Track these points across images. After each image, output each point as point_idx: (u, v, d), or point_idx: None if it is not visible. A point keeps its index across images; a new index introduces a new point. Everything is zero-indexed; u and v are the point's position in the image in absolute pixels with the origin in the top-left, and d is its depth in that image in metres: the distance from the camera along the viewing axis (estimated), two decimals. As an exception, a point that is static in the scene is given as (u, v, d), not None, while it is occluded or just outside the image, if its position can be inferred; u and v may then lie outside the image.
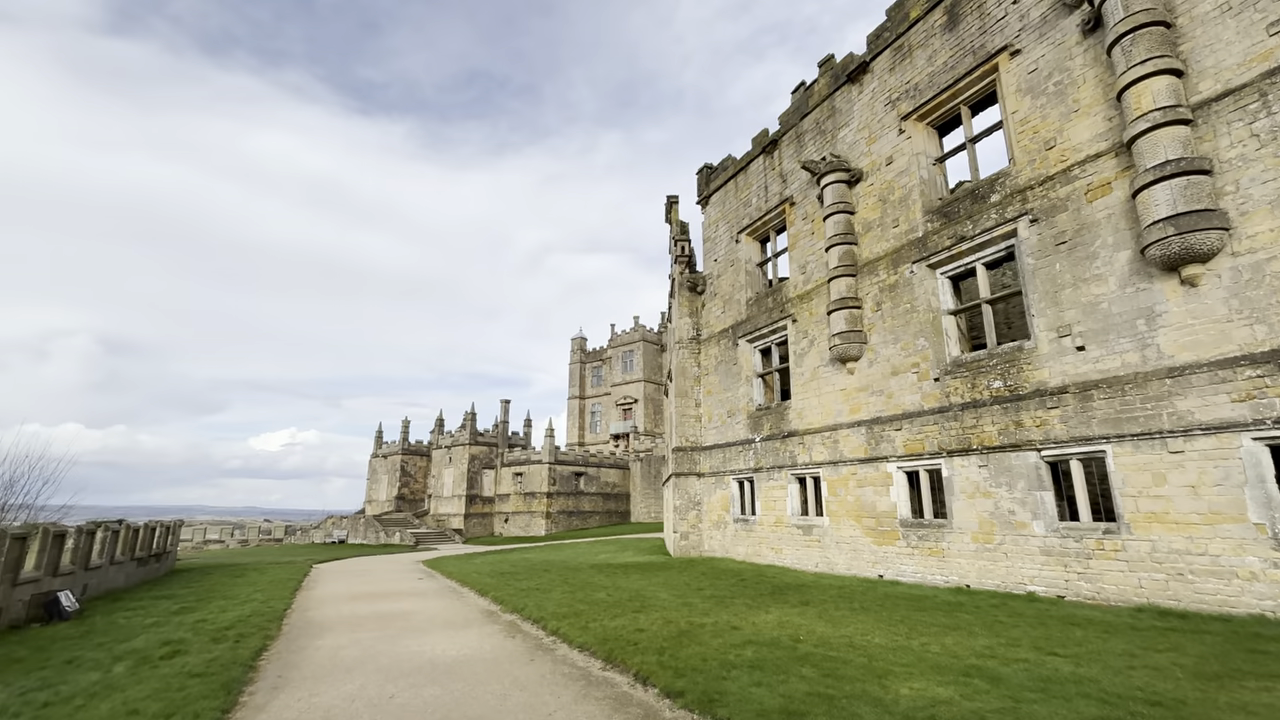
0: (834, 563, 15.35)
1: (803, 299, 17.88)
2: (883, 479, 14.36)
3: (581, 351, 79.11)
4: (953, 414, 12.88)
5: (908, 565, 13.43)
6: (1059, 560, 10.66)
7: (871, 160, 16.20)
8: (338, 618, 12.17)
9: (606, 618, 10.49)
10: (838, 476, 15.63)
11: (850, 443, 15.39)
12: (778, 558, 17.31)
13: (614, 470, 51.97)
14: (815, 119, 18.51)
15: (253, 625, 11.08)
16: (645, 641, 8.50)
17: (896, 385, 14.43)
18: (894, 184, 15.41)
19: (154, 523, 20.58)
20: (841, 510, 15.38)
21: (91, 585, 15.27)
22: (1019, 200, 12.20)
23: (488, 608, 12.92)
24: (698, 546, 20.80)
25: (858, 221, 16.33)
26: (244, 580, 18.80)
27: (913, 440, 13.71)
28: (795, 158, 19.10)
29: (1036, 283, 11.69)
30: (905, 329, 14.41)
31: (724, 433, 20.70)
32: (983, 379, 12.48)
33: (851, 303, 15.67)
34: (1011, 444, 11.62)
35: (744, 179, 21.71)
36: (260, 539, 48.38)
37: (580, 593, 13.64)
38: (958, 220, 13.47)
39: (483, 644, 9.34)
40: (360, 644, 9.63)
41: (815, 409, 16.80)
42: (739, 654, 7.52)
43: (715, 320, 22.28)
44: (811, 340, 17.30)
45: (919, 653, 7.22)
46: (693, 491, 21.31)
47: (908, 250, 14.63)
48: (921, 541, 13.22)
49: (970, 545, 12.16)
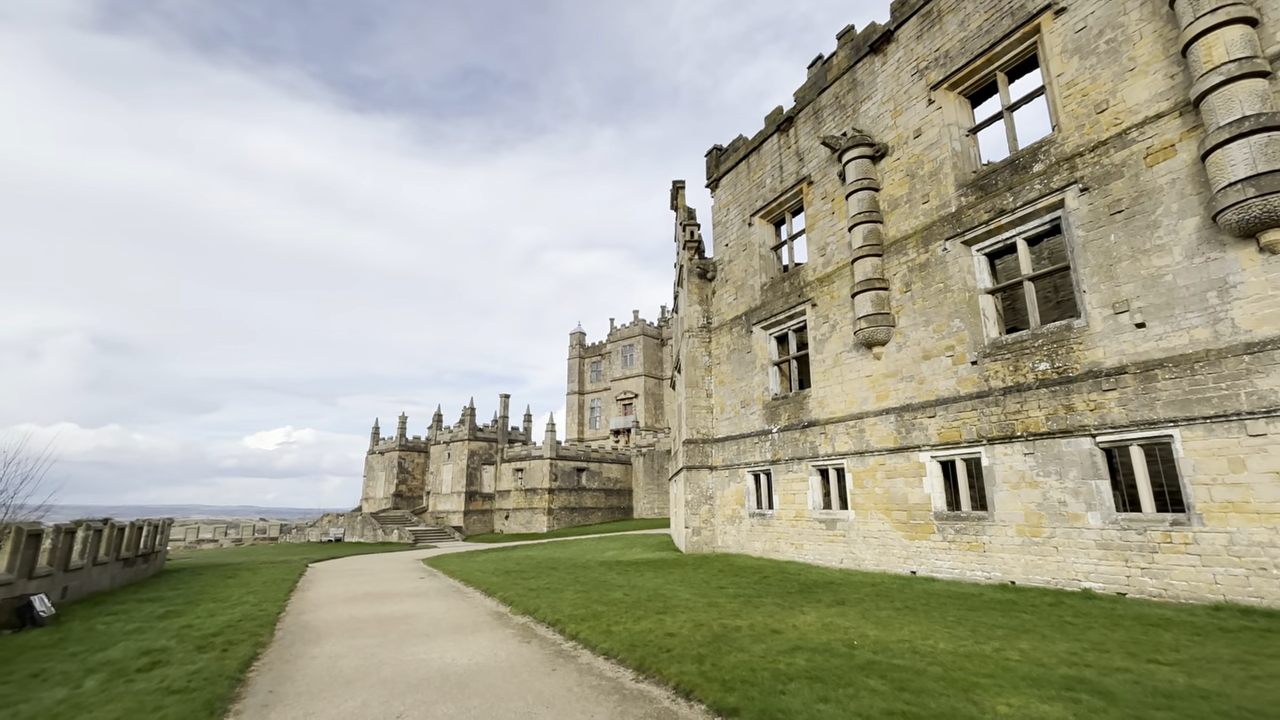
0: (861, 558, 14.53)
1: (823, 282, 17.02)
2: (915, 469, 13.53)
3: (580, 346, 78.14)
4: (993, 399, 12.05)
5: (944, 561, 12.62)
6: (1118, 554, 9.84)
7: (898, 134, 15.32)
8: (335, 621, 11.29)
9: (629, 620, 9.64)
10: (864, 468, 14.80)
11: (878, 432, 14.56)
12: (798, 553, 16.48)
13: (616, 465, 51.09)
14: (834, 93, 17.62)
15: (243, 631, 10.18)
16: (678, 648, 7.64)
17: (929, 370, 13.60)
18: (923, 157, 14.54)
19: (141, 521, 19.60)
20: (869, 503, 14.56)
21: (72, 588, 14.33)
22: (1066, 169, 11.35)
23: (496, 609, 12.05)
24: (710, 542, 19.97)
25: (883, 199, 15.47)
26: (236, 581, 17.87)
27: (948, 428, 12.89)
28: (813, 134, 18.21)
29: (1087, 256, 10.85)
30: (938, 310, 13.56)
31: (738, 424, 19.85)
32: (1026, 361, 11.65)
33: (878, 284, 14.81)
34: (1061, 430, 10.79)
35: (756, 159, 20.81)
36: (255, 538, 47.37)
37: (594, 592, 12.78)
38: (996, 193, 12.61)
39: (496, 651, 8.47)
40: (360, 651, 8.75)
41: (838, 397, 15.95)
42: (790, 662, 6.68)
43: (727, 307, 21.40)
44: (833, 325, 16.44)
45: (997, 660, 6.39)
46: (705, 485, 20.47)
47: (940, 226, 13.77)
48: (959, 535, 12.40)
49: (1015, 539, 11.35)
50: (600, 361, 75.96)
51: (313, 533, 45.44)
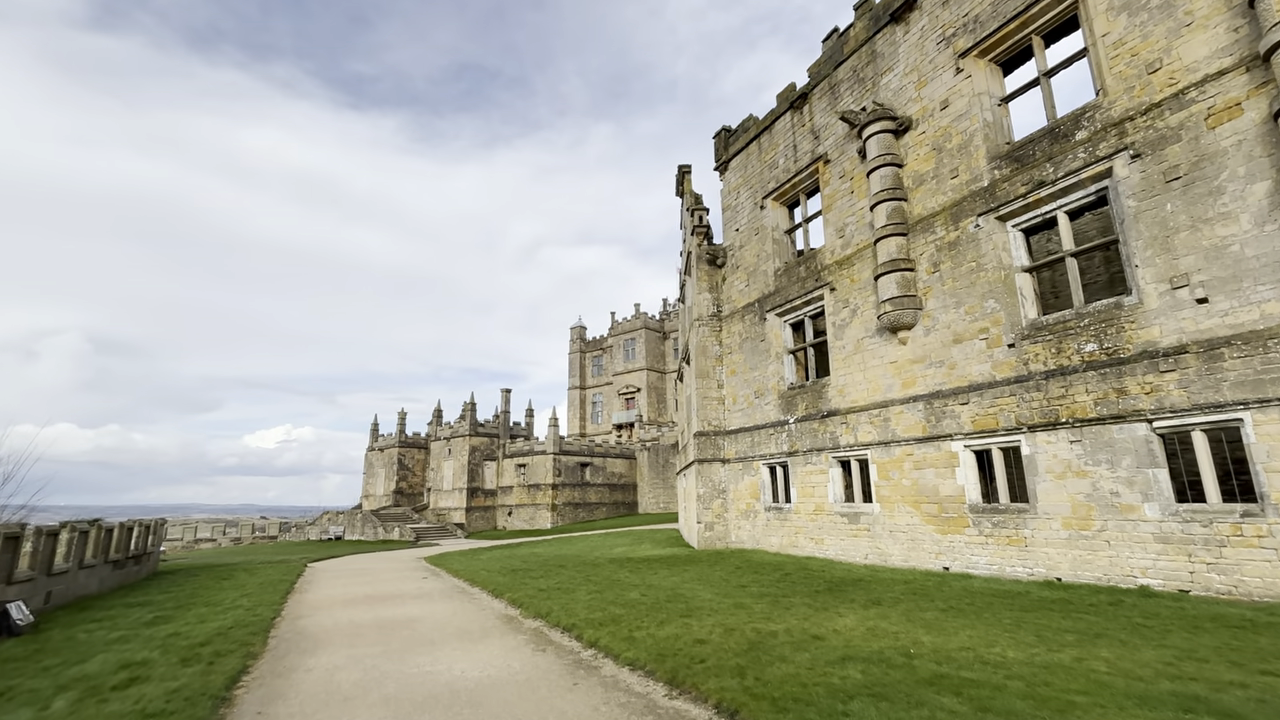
0: (887, 554, 13.80)
1: (842, 265, 16.22)
2: (946, 460, 12.78)
3: (581, 341, 77.32)
4: (1034, 383, 11.28)
5: (980, 556, 11.88)
6: (1179, 548, 9.10)
7: (922, 106, 14.50)
8: (334, 627, 10.54)
9: (651, 624, 8.89)
10: (890, 458, 14.04)
11: (904, 420, 13.80)
12: (818, 549, 15.75)
13: (620, 460, 50.36)
14: (852, 66, 16.77)
15: (233, 640, 9.42)
16: (712, 657, 6.90)
17: (960, 354, 12.82)
18: (951, 130, 13.72)
19: (132, 522, 18.84)
20: (895, 495, 13.81)
21: (56, 593, 13.57)
22: (1114, 134, 10.54)
23: (505, 612, 11.31)
24: (724, 538, 19.24)
25: (907, 175, 14.65)
26: (231, 583, 17.13)
27: (983, 415, 12.12)
28: (829, 111, 17.37)
29: (1140, 228, 10.06)
30: (970, 291, 12.78)
31: (751, 415, 19.09)
32: (1070, 342, 10.87)
33: (903, 264, 14.02)
34: (1113, 415, 10.03)
35: (768, 140, 19.96)
36: (254, 536, 46.67)
37: (608, 592, 12.04)
38: (1033, 164, 11.81)
39: (509, 661, 7.72)
40: (360, 662, 8.00)
41: (860, 385, 15.18)
42: (844, 675, 5.92)
43: (738, 294, 20.60)
44: (854, 310, 15.65)
45: (1082, 673, 5.64)
46: (717, 479, 19.72)
47: (971, 202, 12.97)
48: (997, 529, 11.66)
49: (1060, 532, 10.60)
50: (601, 356, 75.16)
51: (312, 531, 44.73)
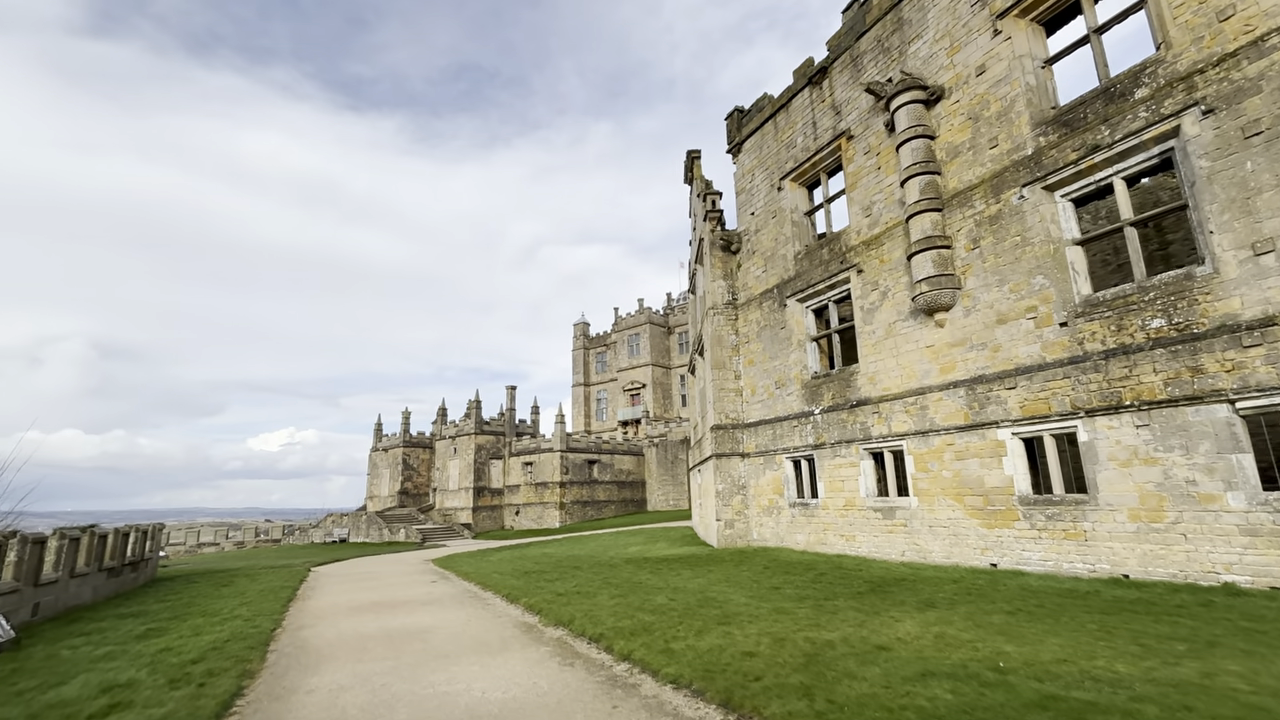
0: (927, 550, 12.95)
1: (869, 245, 15.34)
2: (991, 449, 11.92)
3: (584, 337, 76.47)
4: (1091, 364, 10.41)
5: (1032, 551, 11.02)
6: (1270, 541, 8.24)
7: (956, 73, 13.60)
8: (338, 639, 9.72)
9: (689, 633, 8.06)
10: (928, 449, 13.19)
11: (943, 408, 12.94)
12: (849, 546, 14.91)
13: (628, 457, 49.52)
14: (876, 36, 15.87)
15: (229, 655, 8.61)
16: (768, 673, 6.06)
17: (1005, 335, 11.95)
18: (989, 97, 12.83)
19: (128, 527, 18.06)
20: (935, 488, 12.95)
21: (45, 604, 12.79)
22: (1181, 90, 9.65)
23: (523, 619, 10.48)
24: (745, 535, 18.41)
25: (940, 147, 13.76)
26: (231, 590, 16.34)
27: (1033, 400, 11.26)
28: (852, 84, 16.47)
29: (1214, 190, 9.17)
30: (1015, 267, 11.90)
31: (772, 406, 18.23)
32: (1134, 318, 9.99)
33: (939, 242, 13.14)
34: (1187, 396, 9.16)
35: (785, 118, 19.07)
36: (257, 540, 45.98)
37: (633, 596, 11.22)
38: (1086, 128, 10.91)
39: (534, 678, 6.90)
40: (368, 682, 7.18)
41: (892, 371, 14.32)
42: (931, 696, 5.09)
43: (755, 281, 19.73)
44: (884, 292, 14.78)
45: (1220, 691, 4.79)
46: (737, 474, 18.88)
47: (1014, 172, 12.09)
48: (1051, 522, 10.80)
49: (1127, 525, 9.74)
50: (605, 352, 74.32)
51: (316, 534, 44.01)
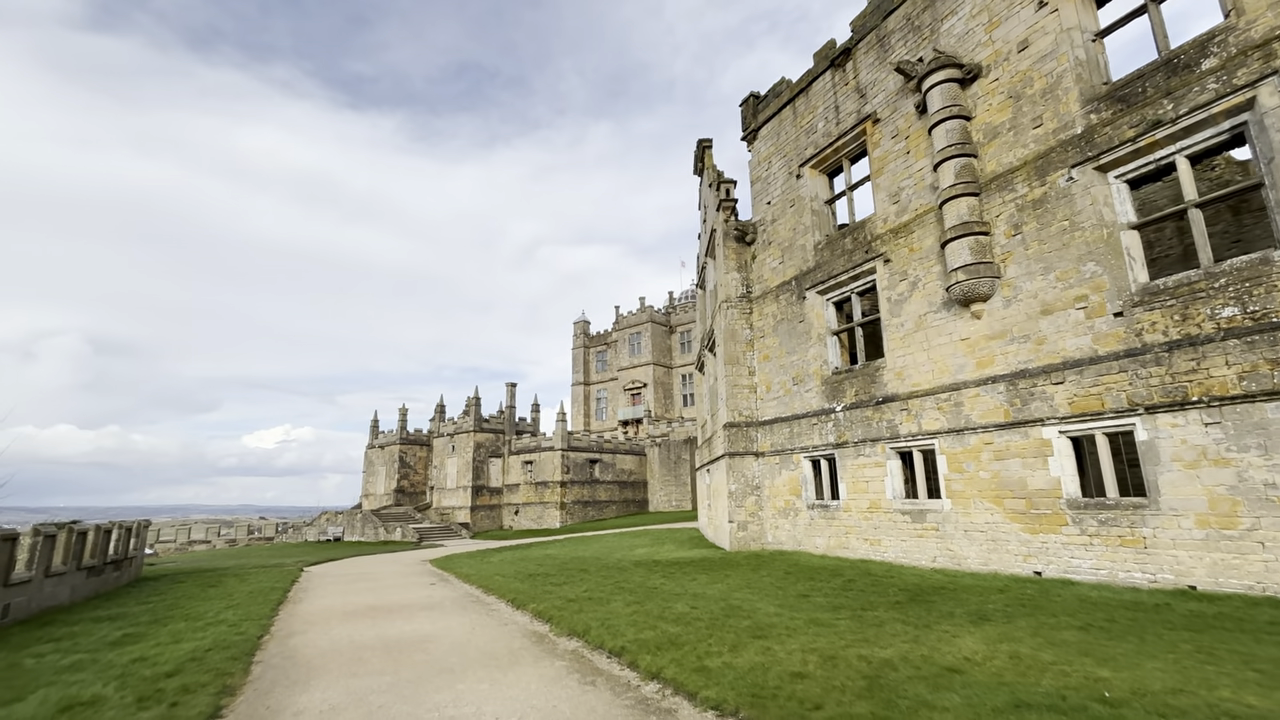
0: (961, 556, 12.14)
1: (897, 233, 14.55)
2: (1035, 448, 11.12)
3: (585, 336, 75.64)
4: (1152, 357, 9.61)
5: (1082, 559, 10.22)
6: (1366, 551, 7.46)
7: (995, 50, 12.82)
8: (331, 648, 8.87)
9: (720, 648, 7.23)
10: (963, 448, 12.38)
11: (980, 404, 12.14)
12: (874, 551, 14.10)
13: (629, 456, 48.65)
14: (905, 14, 15.08)
15: (209, 668, 7.75)
16: (829, 701, 5.24)
17: (1050, 327, 11.16)
18: (1031, 74, 12.05)
19: (112, 524, 17.17)
20: (971, 490, 12.15)
21: (16, 605, 11.91)
22: (1257, 59, 8.87)
23: (532, 628, 9.63)
24: (759, 538, 17.59)
25: (977, 128, 12.98)
26: (219, 590, 15.46)
27: (1083, 396, 10.46)
28: (879, 65, 15.68)
29: (1296, 166, 8.40)
30: (1062, 254, 11.11)
31: (789, 404, 17.42)
32: (1200, 307, 9.20)
33: (977, 228, 12.35)
34: (1265, 391, 8.36)
35: (805, 103, 18.28)
36: (250, 538, 45.04)
37: (650, 603, 10.39)
38: (1145, 103, 10.13)
39: (552, 699, 6.06)
40: (364, 701, 6.34)
41: (923, 366, 13.52)
42: (1037, 735, 4.27)
43: (771, 273, 18.93)
44: (913, 282, 13.98)
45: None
46: (750, 474, 18.06)
47: (1060, 153, 11.30)
48: (1105, 528, 10.00)
49: (1194, 532, 8.94)
50: (606, 351, 73.52)
51: (310, 532, 43.07)
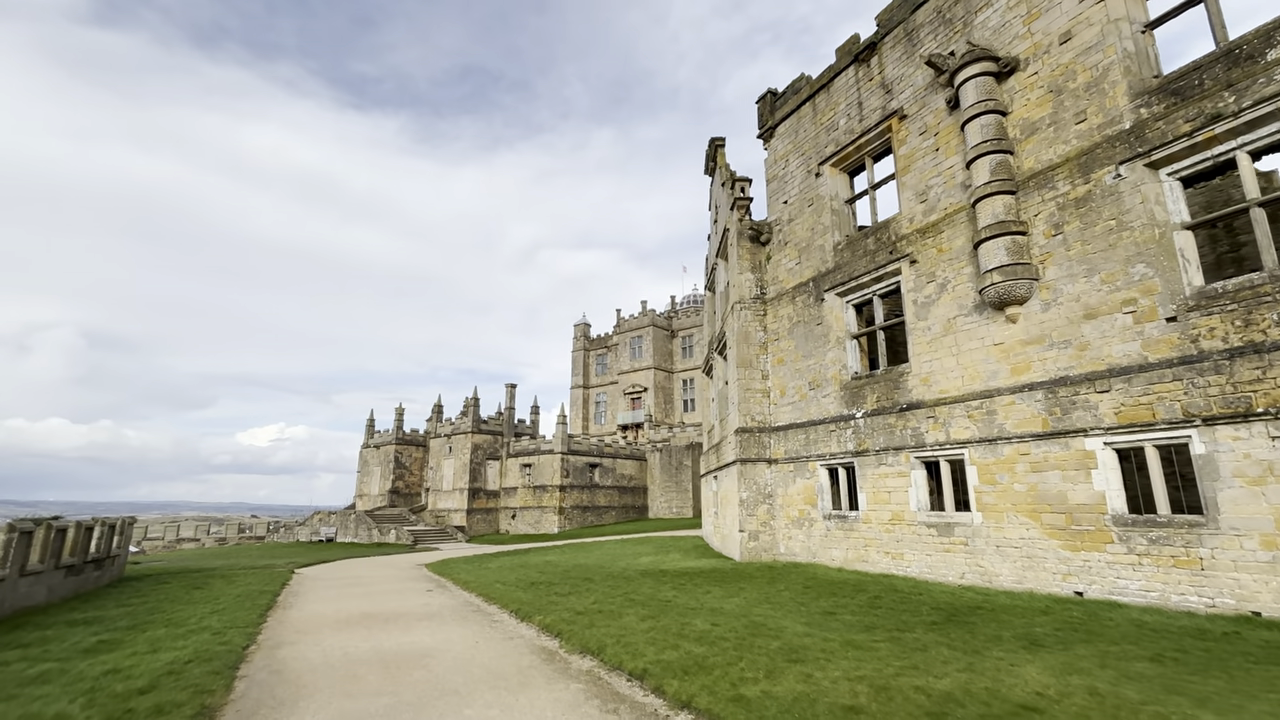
0: (993, 573, 11.47)
1: (924, 233, 13.95)
2: (1077, 460, 10.47)
3: (585, 338, 74.97)
4: (1210, 364, 9.00)
5: (1130, 579, 9.56)
6: None
7: (1034, 43, 12.26)
8: (323, 663, 8.14)
9: (756, 673, 6.54)
10: (996, 459, 11.74)
11: (1015, 413, 11.50)
12: (896, 564, 13.42)
13: (629, 461, 47.88)
14: (935, 7, 14.53)
15: (186, 683, 7.01)
16: (895, 744, 4.56)
17: (1095, 331, 10.54)
18: (1074, 67, 11.49)
19: (93, 520, 16.39)
20: (1004, 503, 11.50)
21: (-14, 606, 11.17)
22: (1331, 47, 8.31)
23: (540, 643, 8.92)
24: (771, 549, 16.89)
25: (1014, 124, 12.41)
26: (204, 593, 14.69)
27: (1131, 405, 9.83)
28: (906, 60, 15.13)
29: (1377, 161, 7.81)
30: (1108, 254, 10.51)
31: (804, 409, 16.77)
32: (1266, 312, 8.59)
33: (1014, 227, 11.75)
34: (1342, 402, 7.76)
35: (825, 100, 17.72)
36: (240, 537, 44.12)
37: (665, 618, 9.68)
38: (1203, 95, 9.55)
39: (574, 733, 5.37)
40: (359, 730, 5.63)
41: (952, 372, 12.89)
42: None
43: (787, 274, 18.32)
44: (942, 285, 13.37)
45: None
46: (763, 481, 17.38)
47: (1106, 149, 10.72)
48: (1155, 546, 9.35)
49: (1259, 554, 8.30)
50: (606, 354, 72.86)
51: (302, 532, 42.17)
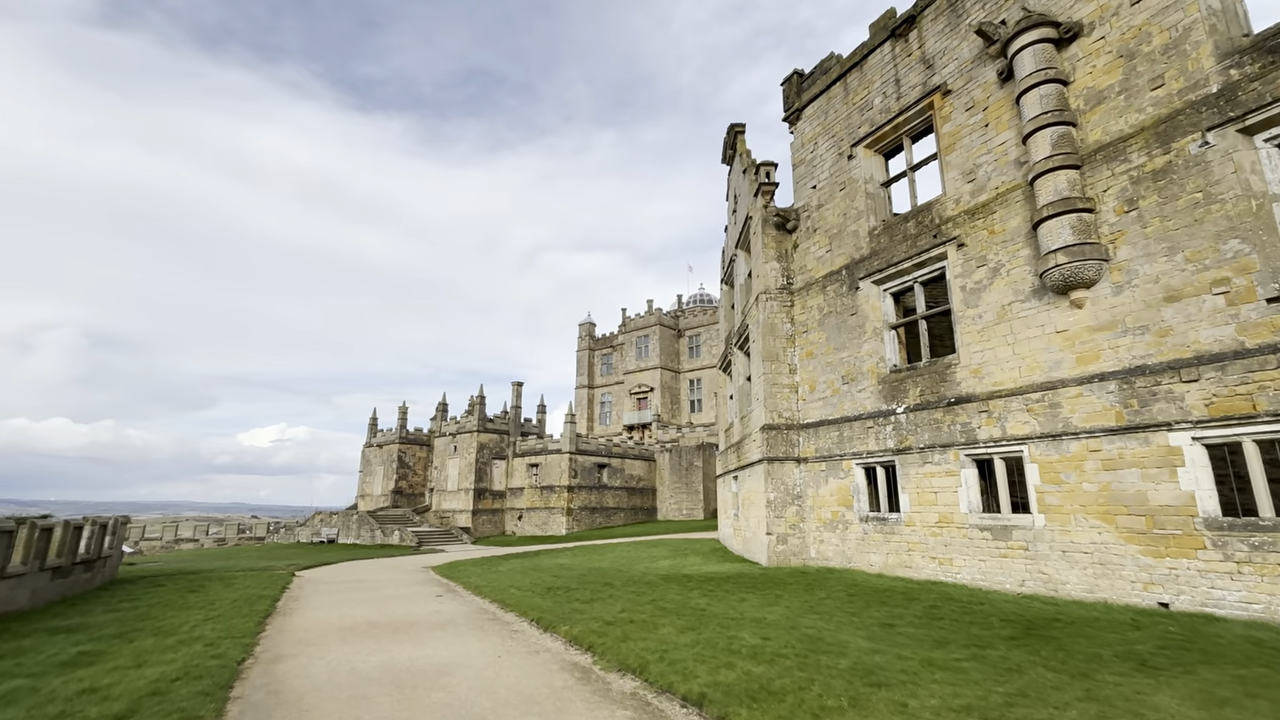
0: (1059, 581, 10.48)
1: (973, 215, 12.99)
2: (1159, 457, 9.49)
3: (590, 338, 74.08)
4: (1323, 349, 8.03)
5: (1228, 590, 8.57)
6: None
7: (1100, 5, 11.31)
8: (328, 680, 7.18)
9: (840, 702, 5.57)
10: (1060, 456, 10.76)
11: (1084, 406, 10.52)
12: (944, 570, 12.44)
13: (638, 462, 46.86)
14: (984, -26, 13.61)
15: (172, 706, 6.07)
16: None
17: (1178, 315, 9.57)
18: (1148, 28, 10.54)
19: (82, 520, 15.46)
20: (1071, 504, 10.51)
21: (-39, 611, 10.24)
22: None
23: (570, 657, 7.96)
24: (801, 553, 15.90)
25: (1076, 94, 11.46)
26: (199, 597, 13.75)
27: (1225, 396, 8.85)
28: (949, 32, 14.19)
29: None
30: (1194, 230, 9.54)
31: (837, 405, 15.80)
32: (1391, 289, 7.63)
33: (1080, 204, 10.79)
34: None
35: (858, 78, 16.78)
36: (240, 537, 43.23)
37: (706, 630, 8.72)
38: (1306, 51, 8.60)
39: (634, 778, 4.41)
40: (373, 770, 4.67)
41: (1007, 362, 11.92)
42: None
43: (816, 263, 17.36)
44: (994, 269, 12.41)
45: None
46: (791, 481, 16.40)
47: (1191, 115, 9.76)
48: (1258, 553, 8.36)
49: (1390, 562, 7.32)
50: (611, 354, 71.95)
51: (303, 532, 41.25)
